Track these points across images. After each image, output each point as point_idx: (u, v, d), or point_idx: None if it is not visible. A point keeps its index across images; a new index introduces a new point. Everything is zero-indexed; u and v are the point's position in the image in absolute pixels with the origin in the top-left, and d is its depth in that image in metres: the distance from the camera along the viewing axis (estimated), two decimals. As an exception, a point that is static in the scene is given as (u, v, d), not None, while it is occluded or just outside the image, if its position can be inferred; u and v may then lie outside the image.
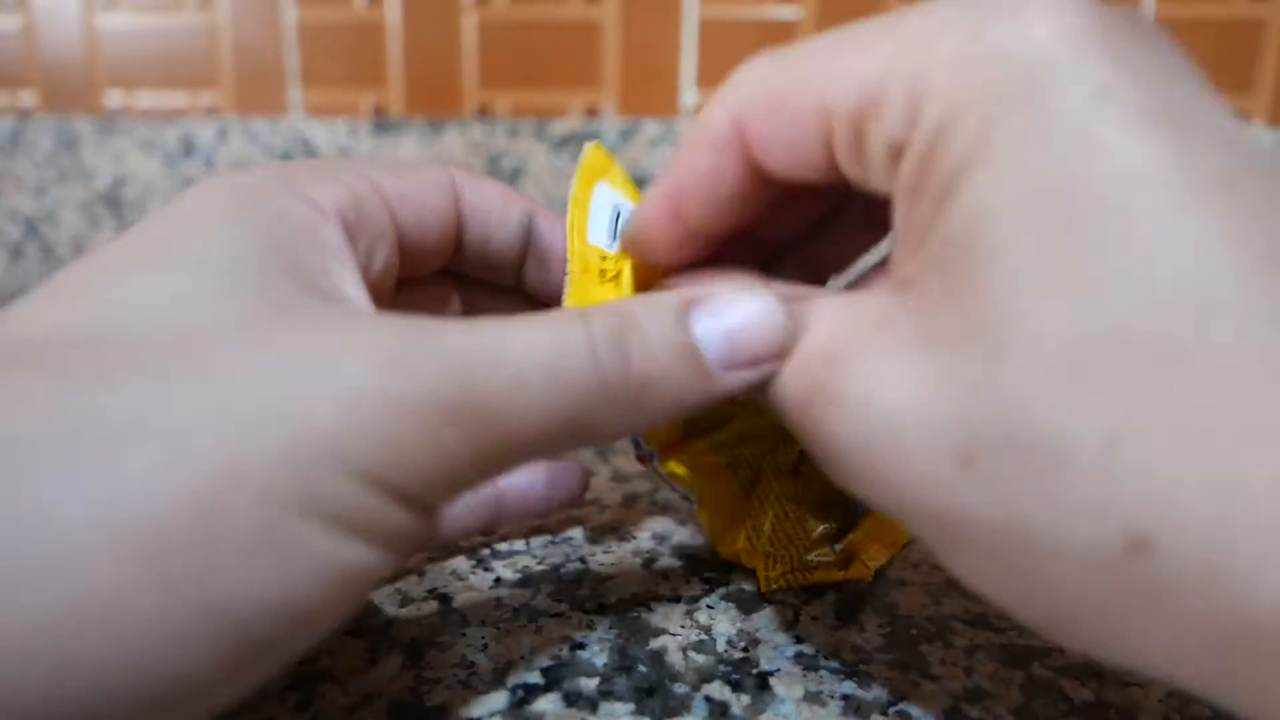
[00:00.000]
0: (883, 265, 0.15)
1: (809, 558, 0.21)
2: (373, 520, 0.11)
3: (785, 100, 0.14)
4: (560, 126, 0.65)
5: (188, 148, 0.70)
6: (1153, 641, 0.11)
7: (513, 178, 0.66)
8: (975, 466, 0.11)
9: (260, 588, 0.10)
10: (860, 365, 0.13)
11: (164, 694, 0.10)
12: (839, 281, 0.20)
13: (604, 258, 0.19)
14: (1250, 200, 0.10)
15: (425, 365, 0.12)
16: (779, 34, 0.64)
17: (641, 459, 0.22)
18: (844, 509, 0.22)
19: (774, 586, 0.21)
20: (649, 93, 0.66)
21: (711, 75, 0.65)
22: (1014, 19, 0.11)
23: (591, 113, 0.67)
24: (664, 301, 0.14)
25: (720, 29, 0.64)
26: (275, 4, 0.68)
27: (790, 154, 0.14)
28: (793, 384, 0.14)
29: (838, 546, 0.21)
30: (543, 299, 0.21)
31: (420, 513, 0.12)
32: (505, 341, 0.12)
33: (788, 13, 0.64)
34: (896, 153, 0.13)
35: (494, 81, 0.67)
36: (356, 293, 0.14)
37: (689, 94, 0.66)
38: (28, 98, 0.73)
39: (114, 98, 0.71)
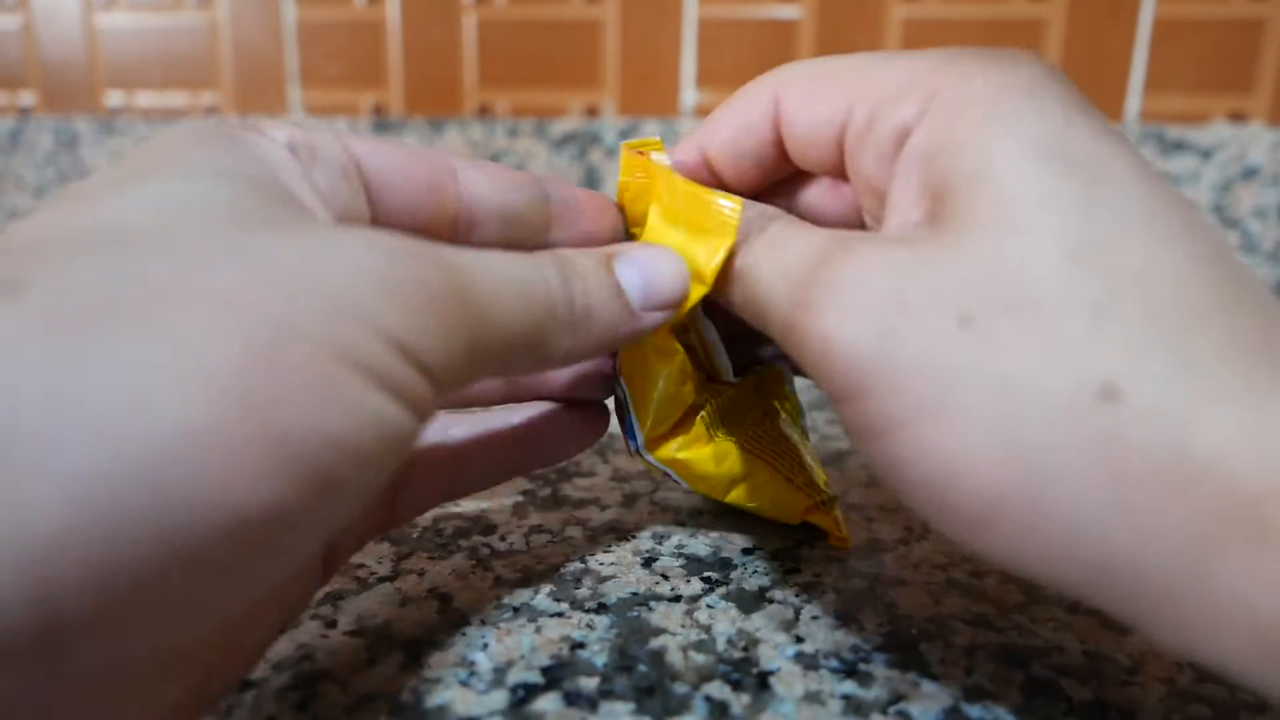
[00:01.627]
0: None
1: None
2: (399, 382, 0.12)
3: (819, 85, 0.17)
4: (560, 126, 0.65)
5: (188, 147, 0.70)
6: (1105, 494, 0.12)
7: (513, 177, 0.66)
8: (975, 325, 0.13)
9: (321, 423, 0.11)
10: (858, 252, 0.15)
11: (251, 525, 0.11)
12: None
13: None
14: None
15: (429, 261, 0.13)
16: (779, 34, 0.64)
17: (633, 452, 0.22)
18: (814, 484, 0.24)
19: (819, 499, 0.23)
20: (649, 93, 0.66)
21: (711, 75, 0.65)
22: (1006, 61, 0.15)
23: (591, 112, 0.67)
24: (594, 252, 0.18)
25: (720, 29, 0.64)
26: (275, 3, 0.67)
27: (808, 131, 0.18)
28: (783, 286, 0.16)
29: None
30: None
31: (434, 386, 0.14)
32: (484, 262, 0.15)
33: (788, 12, 0.64)
34: (902, 136, 0.16)
35: (494, 81, 0.67)
36: (325, 217, 0.16)
37: (689, 94, 0.66)
38: (28, 97, 0.72)
39: (114, 97, 0.71)
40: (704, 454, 0.22)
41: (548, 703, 0.17)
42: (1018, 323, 0.13)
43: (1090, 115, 0.15)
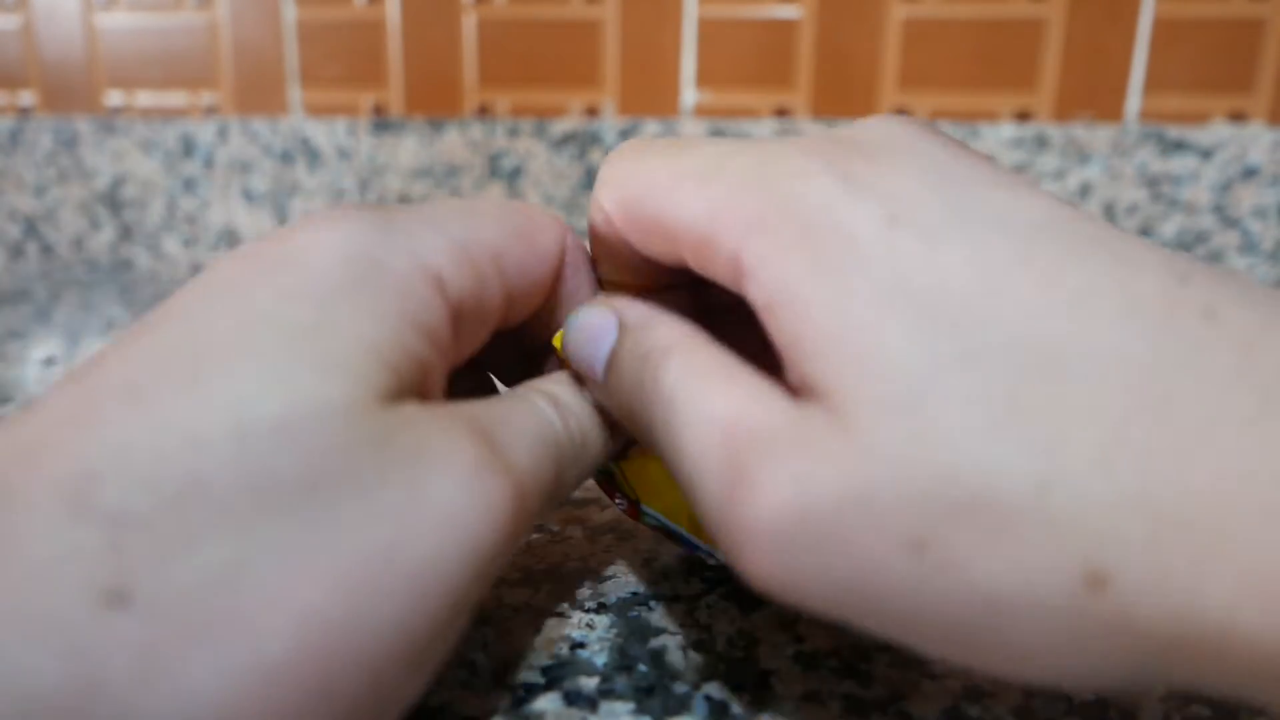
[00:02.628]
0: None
1: None
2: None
3: (637, 211, 0.16)
4: (560, 126, 0.65)
5: (187, 147, 0.70)
6: (1114, 661, 0.11)
7: (513, 178, 0.66)
8: (928, 551, 0.11)
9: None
10: (785, 455, 0.12)
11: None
12: None
13: None
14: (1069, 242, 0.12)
15: (502, 476, 0.14)
16: (779, 33, 0.64)
17: (632, 514, 0.21)
18: None
19: None
20: (649, 92, 0.66)
21: (711, 75, 0.65)
22: (840, 154, 0.14)
23: (591, 112, 0.67)
24: (564, 378, 0.18)
25: (720, 29, 0.64)
26: (275, 3, 0.68)
27: (658, 251, 0.16)
28: (714, 457, 0.13)
29: None
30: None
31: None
32: (512, 427, 0.15)
33: (788, 12, 0.64)
34: (737, 278, 0.14)
35: (494, 81, 0.67)
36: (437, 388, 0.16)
37: (689, 94, 0.66)
38: (28, 97, 0.73)
39: (114, 97, 0.71)
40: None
41: (548, 703, 0.17)
42: (969, 533, 0.11)
43: (959, 205, 0.13)
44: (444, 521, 0.13)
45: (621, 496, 0.20)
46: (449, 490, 0.13)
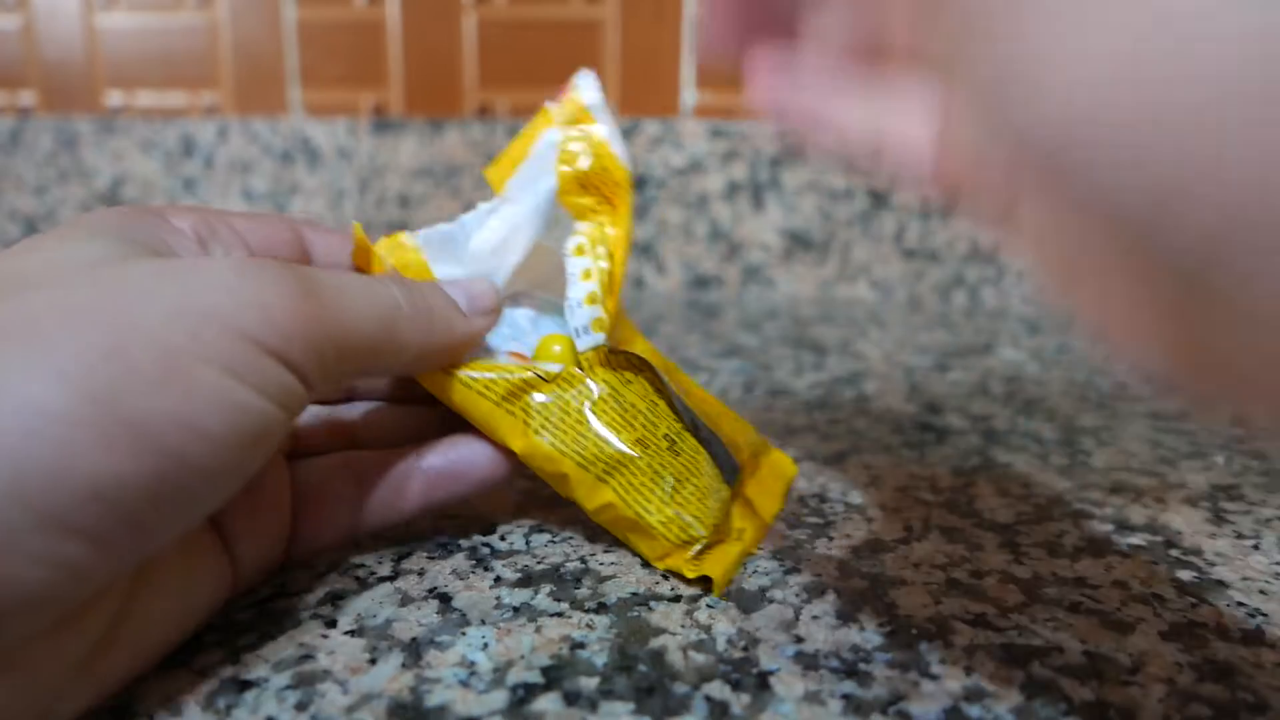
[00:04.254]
0: None
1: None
2: (259, 374, 0.15)
3: None
4: (560, 126, 0.65)
5: (188, 147, 0.70)
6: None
7: (513, 177, 0.66)
8: None
9: (166, 408, 0.13)
10: None
11: (104, 494, 0.13)
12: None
13: None
14: None
15: (282, 273, 0.16)
16: (779, 34, 0.64)
17: None
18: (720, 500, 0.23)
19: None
20: (649, 93, 0.66)
21: (711, 75, 0.65)
22: None
23: (591, 112, 0.67)
24: (421, 278, 0.22)
25: (720, 29, 0.64)
26: (275, 3, 0.67)
27: None
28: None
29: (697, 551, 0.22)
30: None
31: (301, 379, 0.16)
32: (332, 274, 0.18)
33: (788, 12, 0.64)
34: None
35: (494, 81, 0.67)
36: None
37: (689, 94, 0.66)
38: (28, 97, 0.72)
39: (114, 97, 0.71)
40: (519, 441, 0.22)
41: (548, 703, 0.17)
42: None
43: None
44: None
45: None
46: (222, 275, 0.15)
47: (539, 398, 0.22)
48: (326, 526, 0.21)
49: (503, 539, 0.24)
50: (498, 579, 0.21)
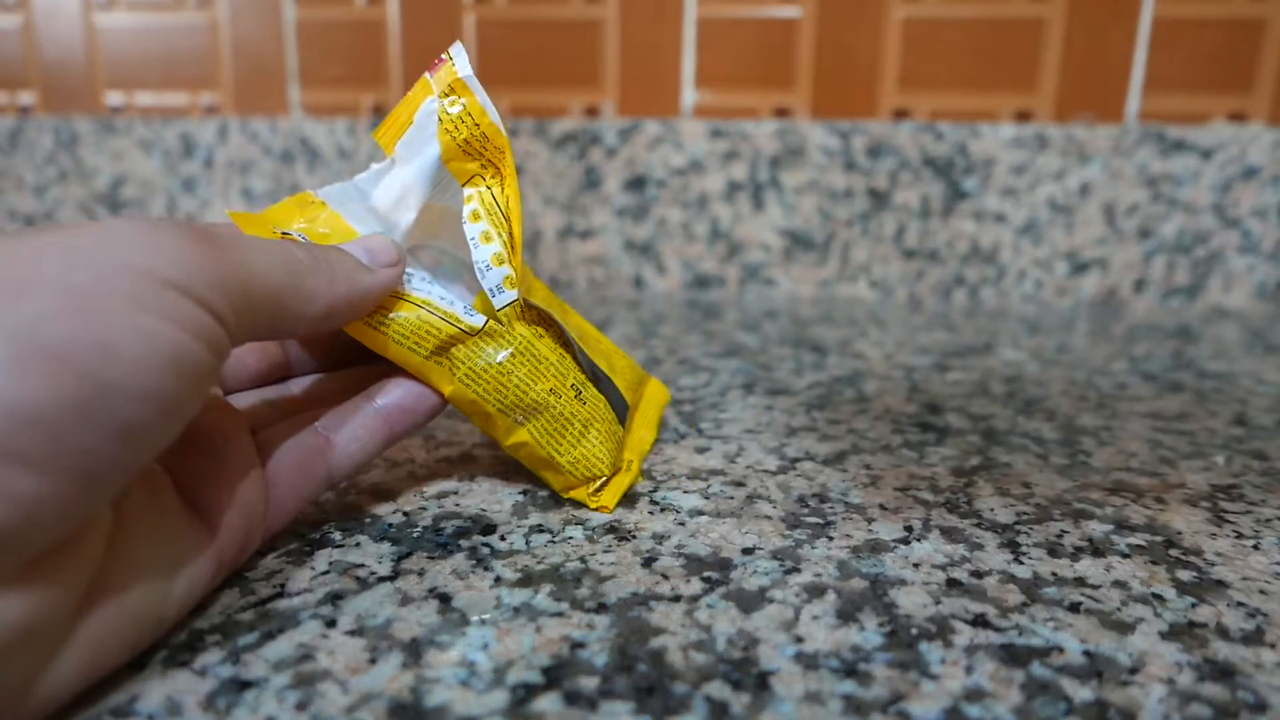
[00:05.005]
0: None
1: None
2: (162, 302, 0.15)
3: None
4: (560, 126, 0.65)
5: (188, 147, 0.70)
6: None
7: (513, 177, 0.66)
8: None
9: (77, 332, 0.14)
10: None
11: (40, 420, 0.13)
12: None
13: None
14: None
15: (175, 224, 0.17)
16: (779, 33, 0.64)
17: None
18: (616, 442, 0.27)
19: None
20: (649, 93, 0.66)
21: (711, 75, 0.65)
22: None
23: (591, 112, 0.67)
24: (336, 229, 0.24)
25: (720, 29, 0.64)
26: (275, 3, 0.67)
27: None
28: None
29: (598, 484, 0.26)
30: None
31: (205, 310, 0.16)
32: (235, 231, 0.19)
33: (788, 12, 0.64)
34: None
35: (494, 81, 0.67)
36: None
37: (689, 94, 0.66)
38: (27, 97, 0.72)
39: (114, 97, 0.71)
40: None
41: (548, 703, 0.17)
42: None
43: None
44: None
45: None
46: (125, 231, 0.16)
47: (463, 351, 0.24)
48: (303, 480, 0.22)
49: (503, 539, 0.24)
50: (498, 579, 0.21)
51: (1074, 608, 0.20)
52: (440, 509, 0.25)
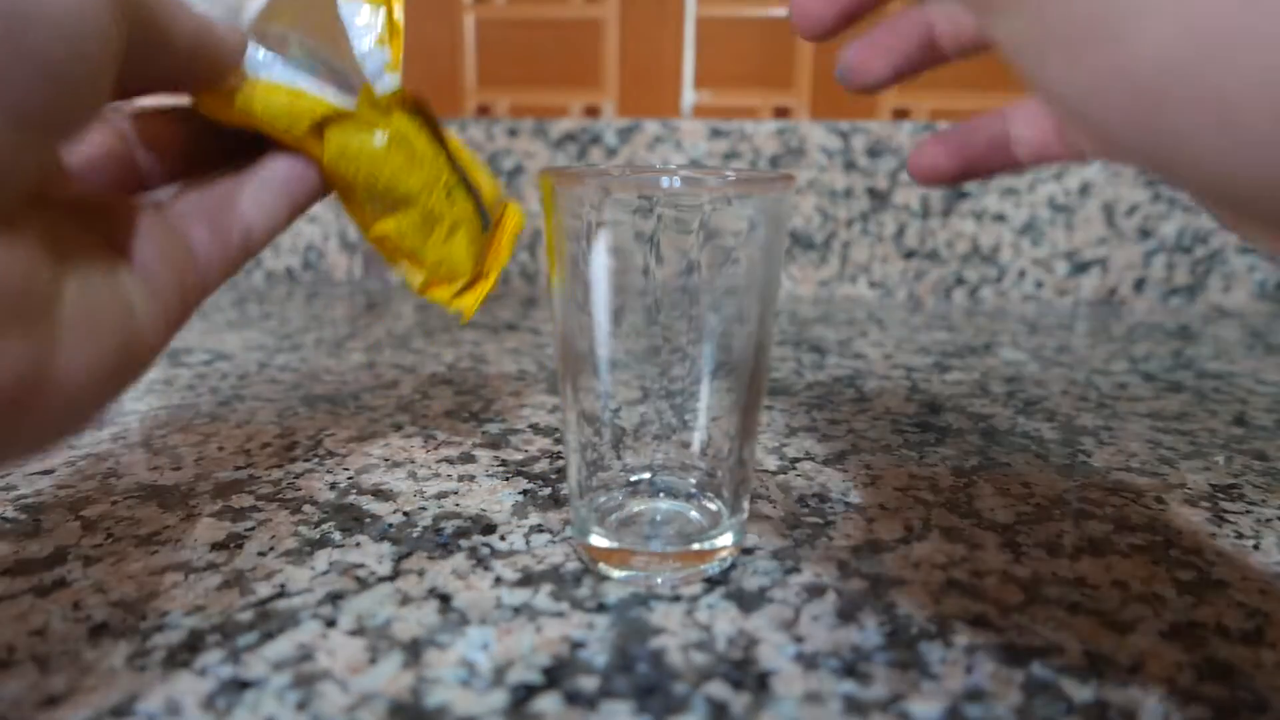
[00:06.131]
0: None
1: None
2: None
3: None
4: (560, 126, 0.65)
5: (187, 147, 0.70)
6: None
7: (513, 176, 0.66)
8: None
9: None
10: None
11: None
12: None
13: None
14: None
15: None
16: (779, 33, 0.64)
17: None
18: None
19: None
20: (649, 93, 0.66)
21: (711, 75, 0.65)
22: None
23: (591, 113, 0.67)
24: None
25: (720, 29, 0.64)
26: (275, 3, 0.67)
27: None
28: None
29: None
30: None
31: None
32: None
33: (787, 12, 0.64)
34: None
35: (493, 81, 0.67)
36: None
37: (689, 94, 0.66)
38: (27, 97, 0.72)
39: (114, 97, 0.71)
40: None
41: (548, 703, 0.17)
42: None
43: None
44: None
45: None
46: None
47: (338, 132, 0.24)
48: (221, 225, 0.22)
49: (503, 539, 0.24)
50: (498, 579, 0.21)
51: (1074, 608, 0.20)
52: (440, 509, 0.25)
